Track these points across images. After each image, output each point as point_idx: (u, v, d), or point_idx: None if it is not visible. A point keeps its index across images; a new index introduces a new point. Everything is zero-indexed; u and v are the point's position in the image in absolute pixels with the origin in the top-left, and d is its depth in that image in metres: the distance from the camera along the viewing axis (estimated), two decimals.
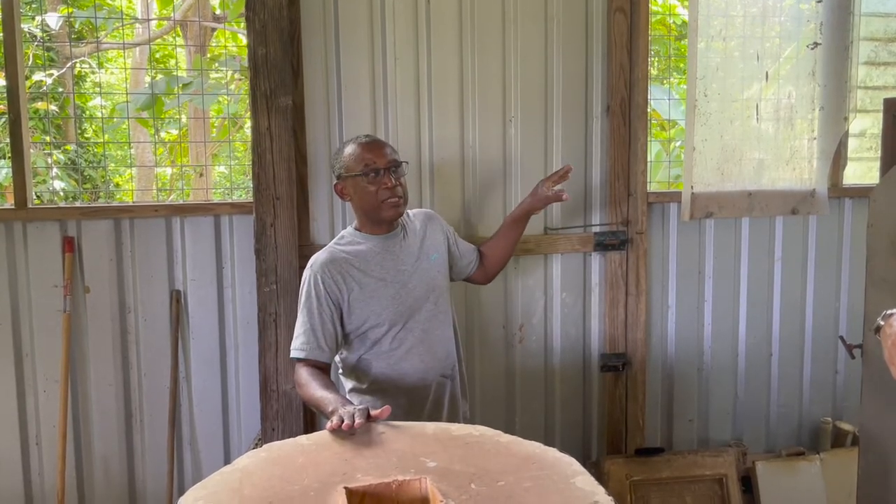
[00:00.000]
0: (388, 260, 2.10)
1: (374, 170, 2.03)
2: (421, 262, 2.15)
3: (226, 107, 4.90)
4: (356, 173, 2.05)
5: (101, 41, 4.88)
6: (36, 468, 2.66)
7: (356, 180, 2.05)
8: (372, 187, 2.03)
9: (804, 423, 3.25)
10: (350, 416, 1.61)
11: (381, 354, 2.08)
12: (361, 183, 2.04)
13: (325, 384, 1.91)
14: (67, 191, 5.04)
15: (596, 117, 2.88)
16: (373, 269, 2.07)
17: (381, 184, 2.03)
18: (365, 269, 2.07)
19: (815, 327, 3.20)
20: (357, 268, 2.06)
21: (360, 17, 2.67)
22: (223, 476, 1.42)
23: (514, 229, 2.42)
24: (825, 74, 3.00)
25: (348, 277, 2.05)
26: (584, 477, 1.37)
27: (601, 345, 2.98)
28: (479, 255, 2.40)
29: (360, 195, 2.06)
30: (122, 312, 2.68)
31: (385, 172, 2.04)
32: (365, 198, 2.06)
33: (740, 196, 2.96)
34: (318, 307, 2.02)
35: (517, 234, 2.43)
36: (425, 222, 2.25)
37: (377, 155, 2.06)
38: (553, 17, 2.80)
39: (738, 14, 2.91)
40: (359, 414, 1.61)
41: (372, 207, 2.06)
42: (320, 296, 2.02)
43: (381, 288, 2.06)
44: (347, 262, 2.07)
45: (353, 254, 2.09)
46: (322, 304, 2.02)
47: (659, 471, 2.91)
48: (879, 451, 2.12)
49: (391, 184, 2.04)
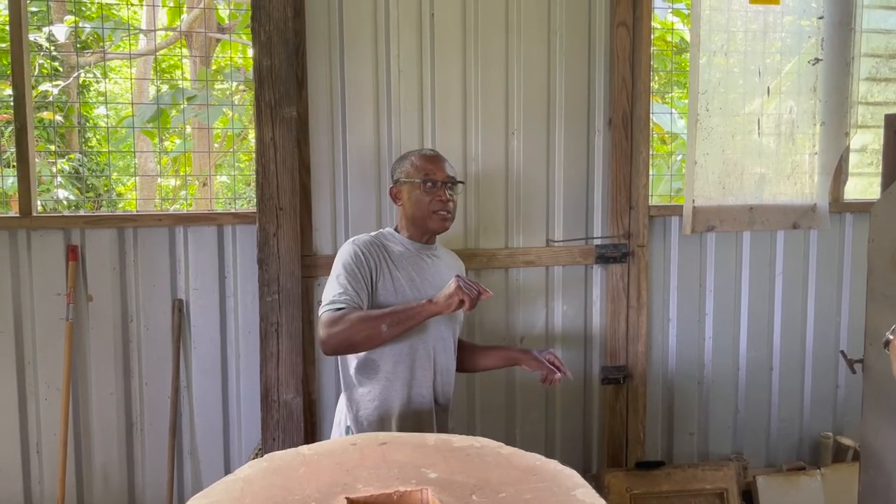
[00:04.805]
0: (418, 266, 2.15)
1: (433, 181, 2.13)
2: (439, 285, 2.13)
3: (230, 119, 4.92)
4: (415, 180, 2.13)
5: (106, 51, 4.92)
6: (36, 476, 2.66)
7: (413, 187, 2.14)
8: (426, 197, 2.12)
9: (805, 438, 3.24)
10: (471, 288, 1.88)
11: (385, 355, 2.08)
12: (417, 191, 2.13)
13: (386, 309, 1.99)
14: (71, 200, 5.06)
15: (598, 130, 2.89)
16: (404, 267, 2.12)
17: (436, 195, 2.12)
18: (398, 264, 2.12)
19: (816, 342, 3.20)
20: (391, 260, 2.12)
21: (365, 28, 2.69)
22: (225, 485, 1.42)
23: (496, 362, 2.31)
24: (826, 90, 3.01)
25: (382, 264, 2.10)
26: (584, 490, 1.37)
27: (602, 357, 2.98)
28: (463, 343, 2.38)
29: (414, 202, 2.14)
30: (124, 321, 2.68)
31: (442, 186, 2.14)
32: (418, 205, 2.14)
33: (741, 210, 2.98)
34: (359, 272, 2.04)
35: (494, 366, 2.33)
36: (454, 259, 2.35)
37: (438, 168, 2.16)
38: (556, 30, 2.83)
39: (738, 30, 2.94)
40: (476, 286, 1.89)
41: (422, 216, 2.14)
42: (360, 265, 2.05)
43: (407, 287, 2.10)
44: (386, 251, 2.13)
45: (390, 249, 2.15)
46: (362, 271, 2.05)
47: (659, 484, 2.90)
48: (880, 466, 2.12)
49: (445, 198, 2.13)
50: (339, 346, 1.95)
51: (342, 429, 2.14)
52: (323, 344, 1.95)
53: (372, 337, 1.94)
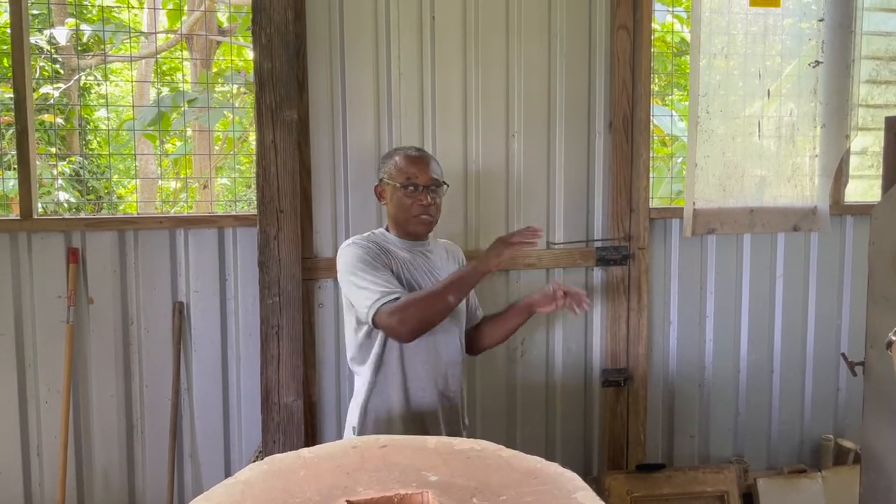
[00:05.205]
0: (416, 261, 2.15)
1: (414, 185, 2.11)
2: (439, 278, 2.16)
3: (231, 122, 4.93)
4: (396, 183, 2.12)
5: (107, 54, 4.92)
6: (37, 478, 2.66)
7: (395, 189, 2.13)
8: (408, 200, 2.11)
9: (806, 440, 3.24)
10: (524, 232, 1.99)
11: (391, 351, 2.10)
12: (399, 194, 2.12)
13: None
14: (72, 202, 5.06)
15: (598, 133, 2.90)
16: (403, 261, 2.12)
17: (417, 199, 2.10)
18: (396, 259, 2.12)
19: (817, 344, 3.20)
20: (391, 257, 2.11)
21: (365, 31, 2.70)
22: (225, 488, 1.41)
23: (515, 319, 2.33)
24: (827, 92, 3.02)
25: (387, 254, 2.10)
26: (585, 492, 1.37)
27: (602, 360, 2.98)
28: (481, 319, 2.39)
29: (396, 204, 2.13)
30: (124, 323, 2.68)
31: (424, 189, 2.11)
32: (399, 208, 2.13)
33: (742, 212, 2.98)
34: (379, 263, 2.04)
35: (516, 325, 2.34)
36: (450, 249, 2.34)
37: (421, 171, 2.12)
38: (556, 33, 2.83)
39: (739, 32, 2.94)
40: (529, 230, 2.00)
41: (404, 219, 2.13)
42: (375, 257, 2.05)
43: (408, 276, 2.11)
44: (385, 249, 2.11)
45: (388, 248, 2.14)
46: (381, 260, 2.05)
47: (660, 487, 2.90)
48: (881, 469, 2.11)
49: (427, 202, 2.11)
50: (418, 327, 1.97)
51: (349, 429, 2.16)
52: (399, 330, 1.96)
53: (444, 310, 1.99)
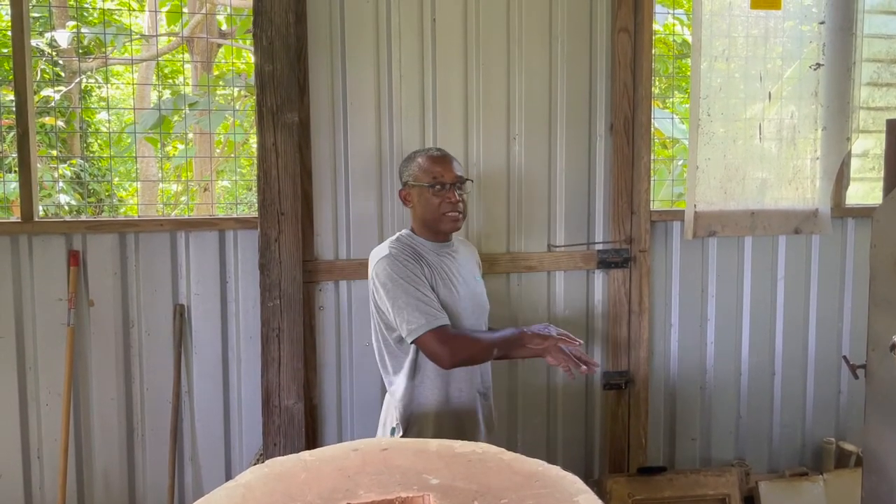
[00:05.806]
0: (444, 263, 2.17)
1: (441, 183, 2.13)
2: (466, 277, 2.21)
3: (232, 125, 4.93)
4: (423, 184, 2.13)
5: (108, 56, 4.93)
6: (37, 481, 2.65)
7: (422, 190, 2.14)
8: (436, 199, 2.13)
9: (807, 443, 3.23)
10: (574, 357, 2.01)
11: None
12: (426, 194, 2.14)
13: (486, 331, 2.16)
14: (72, 205, 5.06)
15: (599, 135, 2.90)
16: (434, 266, 2.13)
17: (446, 197, 2.13)
18: (428, 262, 2.13)
19: (819, 347, 3.19)
20: (424, 258, 2.13)
21: (366, 34, 2.70)
22: (226, 491, 1.41)
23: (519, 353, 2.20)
24: (828, 95, 3.01)
25: (421, 262, 2.11)
26: (587, 496, 1.36)
27: (604, 362, 2.98)
28: None
29: (424, 205, 2.15)
30: (125, 326, 2.68)
31: (451, 187, 2.13)
32: (428, 208, 2.14)
33: (743, 215, 2.97)
34: (417, 281, 2.05)
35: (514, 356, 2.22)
36: (468, 248, 2.38)
37: (446, 169, 2.15)
38: (557, 36, 2.83)
39: (739, 35, 2.94)
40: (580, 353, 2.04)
41: (433, 218, 2.14)
42: (412, 269, 2.06)
43: (441, 282, 2.12)
44: (418, 254, 2.13)
45: (419, 252, 2.15)
46: (419, 277, 2.06)
47: (661, 490, 2.89)
48: (883, 472, 2.11)
49: (455, 199, 2.13)
50: (460, 362, 2.06)
51: (387, 429, 2.17)
52: (443, 359, 2.02)
53: (487, 359, 2.13)
